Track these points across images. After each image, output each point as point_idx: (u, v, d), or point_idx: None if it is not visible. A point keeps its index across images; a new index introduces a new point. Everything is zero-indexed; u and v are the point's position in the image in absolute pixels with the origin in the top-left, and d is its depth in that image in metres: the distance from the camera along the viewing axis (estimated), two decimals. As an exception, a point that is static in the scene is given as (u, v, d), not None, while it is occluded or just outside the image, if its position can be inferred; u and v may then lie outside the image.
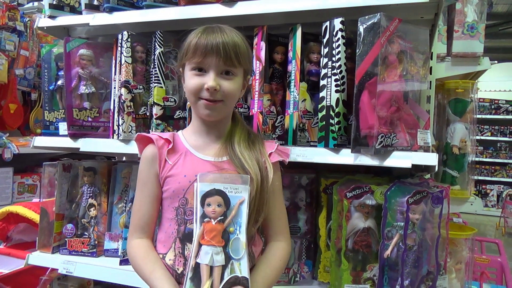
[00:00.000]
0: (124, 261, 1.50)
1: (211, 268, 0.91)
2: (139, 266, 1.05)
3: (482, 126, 7.88)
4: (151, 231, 1.12)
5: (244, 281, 0.91)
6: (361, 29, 1.16)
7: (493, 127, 7.89)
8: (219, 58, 1.01)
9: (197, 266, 0.91)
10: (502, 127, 7.86)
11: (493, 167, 7.91)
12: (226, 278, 0.90)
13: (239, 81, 1.08)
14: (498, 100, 7.82)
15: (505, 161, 7.85)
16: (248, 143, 1.10)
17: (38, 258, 1.60)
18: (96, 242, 1.59)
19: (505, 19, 7.92)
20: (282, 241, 1.12)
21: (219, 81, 1.02)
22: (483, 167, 7.89)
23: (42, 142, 1.62)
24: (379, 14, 1.13)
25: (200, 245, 0.92)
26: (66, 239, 1.59)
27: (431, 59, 1.46)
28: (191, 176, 1.03)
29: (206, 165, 1.06)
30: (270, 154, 1.10)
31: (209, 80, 1.01)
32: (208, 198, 0.95)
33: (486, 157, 7.93)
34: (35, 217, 1.89)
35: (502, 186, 7.70)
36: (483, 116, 7.67)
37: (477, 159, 7.69)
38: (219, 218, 0.94)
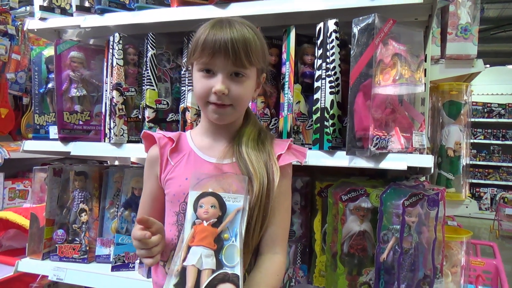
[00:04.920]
0: (116, 267, 1.47)
1: (199, 272, 0.81)
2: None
3: (475, 130, 7.93)
4: None
5: (234, 278, 0.81)
6: (355, 30, 1.15)
7: (486, 130, 7.95)
8: (228, 58, 0.92)
9: (183, 270, 0.82)
10: (495, 130, 7.92)
11: (486, 170, 7.96)
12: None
13: (251, 83, 1.00)
14: (491, 103, 7.89)
15: (498, 164, 7.91)
16: (257, 143, 1.02)
17: (28, 264, 1.57)
18: (87, 248, 1.56)
19: (496, 24, 8.00)
20: (278, 253, 0.99)
21: (228, 84, 0.95)
22: (476, 170, 7.94)
23: (32, 146, 1.59)
24: (373, 15, 1.12)
25: (188, 248, 0.83)
26: (56, 245, 1.56)
27: (425, 61, 1.46)
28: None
29: (208, 166, 1.00)
30: (279, 156, 1.02)
31: (217, 83, 0.94)
32: (202, 199, 0.88)
33: (479, 160, 7.97)
34: (25, 223, 1.85)
35: (495, 189, 7.74)
36: (476, 120, 7.73)
37: (470, 162, 7.72)
38: (212, 220, 0.86)
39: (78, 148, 1.52)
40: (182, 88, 1.46)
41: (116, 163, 2.08)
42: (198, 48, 0.94)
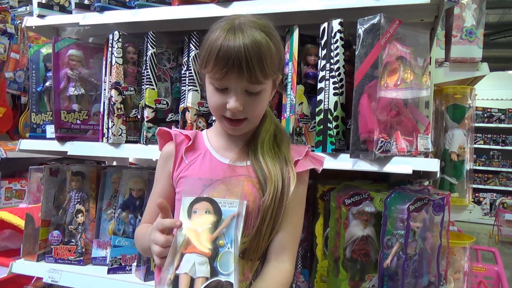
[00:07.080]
0: (112, 270, 1.45)
1: (193, 281, 0.77)
2: (139, 237, 1.03)
3: (475, 134, 7.90)
4: None
5: (227, 286, 0.77)
6: (360, 30, 1.12)
7: (485, 135, 7.95)
8: (242, 76, 0.86)
9: (176, 279, 0.77)
10: (494, 136, 7.91)
11: (486, 175, 7.95)
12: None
13: (267, 94, 0.95)
14: (491, 108, 7.88)
15: (498, 169, 7.90)
16: (272, 145, 0.99)
17: (22, 266, 1.54)
18: (84, 250, 1.53)
19: (496, 29, 8.01)
20: (285, 262, 0.94)
21: (243, 99, 0.90)
22: (476, 175, 7.91)
23: (28, 145, 1.57)
24: (379, 15, 1.10)
25: (182, 255, 0.79)
26: (52, 246, 1.53)
27: (430, 63, 1.44)
28: (206, 179, 0.92)
29: (223, 167, 0.97)
30: (296, 162, 0.98)
31: (231, 100, 0.89)
32: (195, 205, 0.83)
33: (479, 165, 7.95)
34: (21, 223, 1.82)
35: (495, 194, 7.73)
36: (476, 124, 7.68)
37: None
38: (207, 226, 0.81)
39: (76, 148, 1.49)
40: (183, 88, 1.43)
41: (114, 163, 2.05)
42: (210, 62, 0.88)
